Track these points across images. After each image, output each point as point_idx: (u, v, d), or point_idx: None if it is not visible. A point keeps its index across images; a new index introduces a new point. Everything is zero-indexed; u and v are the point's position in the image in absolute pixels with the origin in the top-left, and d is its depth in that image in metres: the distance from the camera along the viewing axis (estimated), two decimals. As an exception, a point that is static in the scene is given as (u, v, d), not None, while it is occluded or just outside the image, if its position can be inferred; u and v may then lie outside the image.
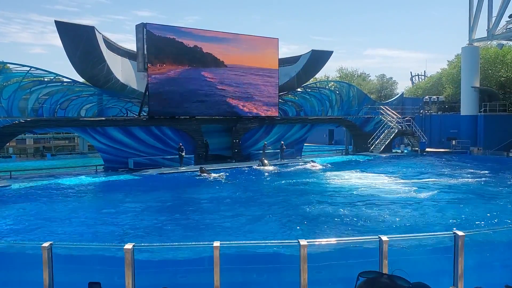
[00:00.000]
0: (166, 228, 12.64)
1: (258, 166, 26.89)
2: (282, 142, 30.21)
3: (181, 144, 25.78)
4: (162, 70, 25.88)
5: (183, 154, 25.46)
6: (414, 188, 18.83)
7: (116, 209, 15.27)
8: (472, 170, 24.43)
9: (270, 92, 30.47)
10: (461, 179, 21.30)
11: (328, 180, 21.78)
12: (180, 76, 26.58)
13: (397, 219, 13.12)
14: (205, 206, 16.01)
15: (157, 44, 25.57)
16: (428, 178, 22.09)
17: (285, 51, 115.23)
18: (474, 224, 12.20)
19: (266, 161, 27.10)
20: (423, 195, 17.18)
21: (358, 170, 25.12)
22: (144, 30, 25.14)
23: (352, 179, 22.04)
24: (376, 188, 19.07)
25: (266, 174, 24.66)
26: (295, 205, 15.60)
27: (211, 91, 27.88)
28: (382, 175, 23.27)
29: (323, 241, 8.26)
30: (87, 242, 9.98)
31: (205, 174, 23.06)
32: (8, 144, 29.04)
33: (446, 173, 24.05)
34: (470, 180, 21.17)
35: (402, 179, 21.79)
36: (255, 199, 17.03)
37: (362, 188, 18.95)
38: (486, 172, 23.87)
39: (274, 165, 27.37)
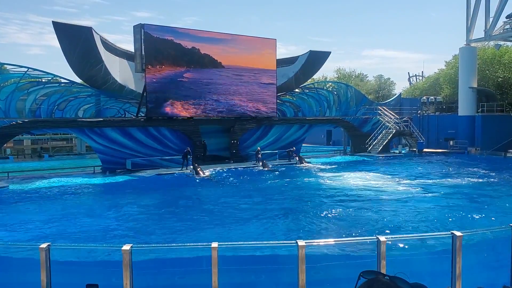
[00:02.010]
0: (164, 228, 12.62)
1: (256, 166, 27.25)
2: (294, 148, 31.10)
3: (189, 148, 25.68)
4: (160, 71, 25.85)
5: (190, 157, 25.28)
6: (412, 188, 18.86)
7: (113, 210, 15.26)
8: (470, 171, 24.46)
9: (268, 93, 30.47)
10: (459, 180, 21.31)
11: (324, 181, 21.77)
12: (178, 76, 26.55)
13: (395, 219, 13.13)
14: (202, 205, 16.00)
15: (155, 45, 25.54)
16: (426, 178, 22.10)
17: (283, 52, 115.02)
18: (472, 224, 12.22)
19: (265, 162, 27.43)
20: (421, 195, 17.20)
21: (355, 171, 25.14)
22: (142, 31, 25.12)
23: (350, 179, 22.04)
24: (374, 188, 19.08)
25: (266, 174, 24.72)
26: (295, 205, 15.61)
27: (208, 92, 27.85)
28: (380, 175, 23.29)
29: (321, 241, 8.26)
30: (84, 243, 9.95)
31: (200, 173, 23.46)
32: (5, 145, 28.97)
33: (444, 173, 24.08)
34: (469, 180, 21.18)
35: (400, 179, 21.80)
36: (254, 199, 17.02)
37: (360, 189, 18.96)
38: (485, 172, 23.88)
39: (272, 165, 27.57)
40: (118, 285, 5.18)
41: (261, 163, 27.37)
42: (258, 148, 29.01)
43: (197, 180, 22.54)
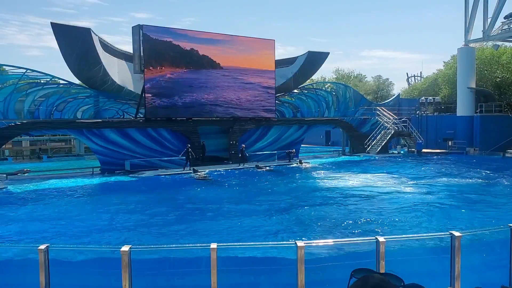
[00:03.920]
0: (163, 229, 12.61)
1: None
2: (294, 150, 31.19)
3: (189, 145, 25.65)
4: (159, 72, 25.84)
5: (182, 156, 25.29)
6: (412, 188, 18.86)
7: (113, 211, 15.24)
8: (470, 171, 24.46)
9: (267, 94, 30.48)
10: (459, 180, 21.32)
11: (323, 181, 21.78)
12: (177, 77, 26.55)
13: (394, 219, 13.13)
14: (202, 205, 15.99)
15: (154, 46, 25.53)
16: (425, 178, 22.10)
17: (281, 53, 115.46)
18: (472, 224, 12.23)
19: (258, 164, 27.37)
20: (420, 195, 17.20)
21: (354, 171, 25.15)
22: (140, 32, 25.11)
23: (348, 180, 22.05)
24: (373, 188, 19.07)
25: (266, 174, 24.71)
26: (294, 206, 15.61)
27: (207, 93, 27.84)
28: (379, 175, 23.28)
29: (320, 242, 8.26)
30: (83, 245, 9.94)
31: (198, 175, 23.43)
32: (4, 146, 28.93)
33: (443, 173, 24.07)
34: (468, 180, 21.18)
35: (399, 179, 21.81)
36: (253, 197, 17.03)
37: (359, 189, 18.95)
38: (484, 172, 23.87)
39: (271, 166, 27.51)
40: (117, 286, 5.17)
41: (255, 165, 26.98)
42: (243, 145, 28.37)
43: (196, 180, 22.54)
